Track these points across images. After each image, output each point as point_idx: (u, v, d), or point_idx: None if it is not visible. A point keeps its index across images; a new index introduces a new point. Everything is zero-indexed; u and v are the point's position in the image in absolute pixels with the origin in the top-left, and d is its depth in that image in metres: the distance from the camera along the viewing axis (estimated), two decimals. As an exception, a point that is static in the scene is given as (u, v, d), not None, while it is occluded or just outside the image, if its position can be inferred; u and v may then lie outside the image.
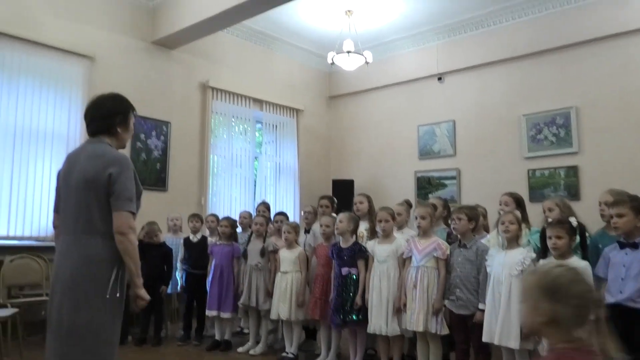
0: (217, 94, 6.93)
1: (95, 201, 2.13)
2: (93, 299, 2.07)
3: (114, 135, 2.28)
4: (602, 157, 5.88)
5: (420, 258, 3.61)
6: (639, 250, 2.83)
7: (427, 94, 7.50)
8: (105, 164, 2.14)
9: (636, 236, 2.88)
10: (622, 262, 2.86)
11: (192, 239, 5.18)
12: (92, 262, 2.10)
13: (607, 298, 2.88)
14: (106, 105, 2.30)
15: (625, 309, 2.79)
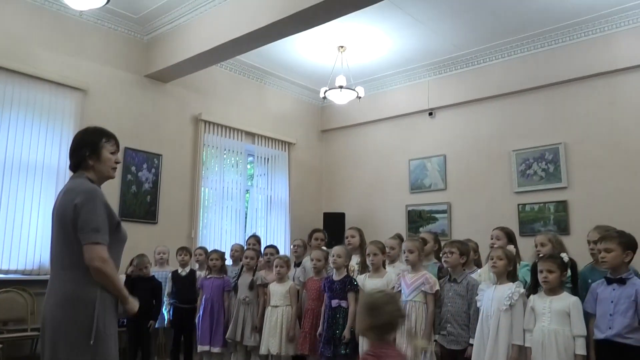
0: (209, 127, 7.01)
1: (66, 235, 2.14)
2: (72, 338, 2.04)
3: (90, 169, 2.30)
4: (590, 192, 5.98)
5: (408, 292, 3.63)
6: (626, 286, 2.87)
7: (418, 129, 7.63)
8: (72, 197, 2.15)
9: (623, 271, 2.92)
10: (609, 297, 2.90)
11: (181, 273, 5.16)
12: (69, 299, 2.07)
13: (596, 334, 2.91)
14: (75, 140, 2.36)
15: (614, 345, 2.81)
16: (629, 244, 2.98)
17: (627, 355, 2.77)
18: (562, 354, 2.92)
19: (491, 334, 3.18)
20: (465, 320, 3.45)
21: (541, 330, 3.02)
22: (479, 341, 3.25)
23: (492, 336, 3.17)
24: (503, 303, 3.19)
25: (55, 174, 5.47)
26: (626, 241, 2.99)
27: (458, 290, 3.54)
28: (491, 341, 3.16)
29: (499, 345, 3.13)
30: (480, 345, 3.23)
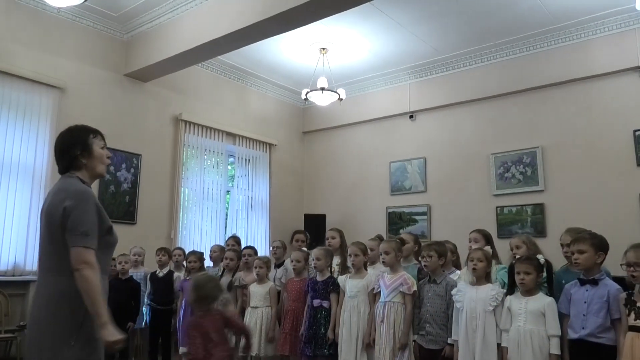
0: (190, 127, 6.99)
1: (54, 238, 2.07)
2: (55, 341, 1.98)
3: (81, 168, 2.23)
4: (566, 195, 6.13)
5: (387, 293, 3.67)
6: (598, 287, 2.95)
7: (399, 132, 7.72)
8: (62, 199, 2.08)
9: (595, 272, 3.01)
10: (583, 298, 2.98)
11: (158, 274, 5.13)
12: (52, 302, 2.02)
13: (570, 334, 2.98)
14: (62, 140, 2.27)
15: (588, 344, 2.89)
16: (600, 246, 3.06)
17: (600, 354, 2.84)
18: (537, 353, 2.99)
19: (478, 334, 3.24)
20: (444, 320, 3.51)
21: (517, 330, 3.09)
22: (464, 343, 3.30)
23: (479, 337, 3.23)
24: (489, 304, 3.26)
25: (32, 174, 5.39)
26: (598, 243, 3.07)
27: (437, 290, 3.59)
28: (479, 341, 3.22)
29: (488, 344, 3.20)
30: (466, 346, 3.28)
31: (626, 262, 2.75)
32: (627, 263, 2.75)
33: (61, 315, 2.00)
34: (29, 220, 5.29)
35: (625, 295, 2.81)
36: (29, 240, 5.27)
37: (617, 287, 2.93)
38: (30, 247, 5.28)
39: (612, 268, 3.23)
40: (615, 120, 5.96)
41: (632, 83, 5.93)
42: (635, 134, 5.80)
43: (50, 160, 5.50)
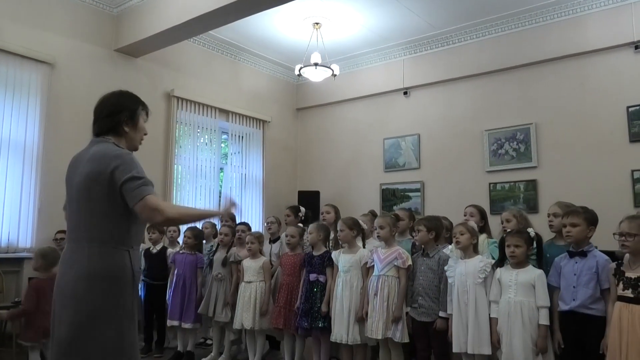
0: (182, 104, 6.95)
1: (96, 206, 1.96)
2: (97, 315, 1.90)
3: (121, 135, 2.12)
4: (559, 171, 6.17)
5: (381, 267, 3.73)
6: (587, 259, 3.01)
7: (393, 108, 7.71)
8: (106, 164, 1.96)
9: (585, 245, 3.06)
10: (572, 270, 3.04)
11: (152, 250, 5.16)
12: (96, 276, 1.92)
13: (561, 306, 3.05)
14: (111, 102, 2.16)
15: (578, 316, 2.95)
16: (592, 220, 3.12)
17: (590, 325, 2.91)
18: (527, 324, 3.05)
19: (470, 307, 3.29)
20: (436, 294, 3.56)
21: (507, 301, 3.14)
22: (457, 316, 3.35)
23: (471, 310, 3.29)
24: (478, 276, 3.31)
25: (22, 150, 5.37)
26: (590, 217, 3.13)
27: (430, 264, 3.64)
28: (471, 315, 3.28)
29: (479, 318, 3.25)
30: (459, 320, 3.34)
31: (619, 231, 2.80)
32: (619, 233, 2.80)
33: (103, 290, 1.92)
34: (21, 197, 5.29)
35: (615, 266, 2.86)
36: (21, 218, 5.28)
37: (605, 258, 2.99)
38: (23, 224, 5.29)
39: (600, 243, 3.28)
40: (609, 97, 5.98)
41: (627, 59, 5.94)
42: (628, 110, 5.83)
43: (41, 137, 5.48)
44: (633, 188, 5.69)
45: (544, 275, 3.15)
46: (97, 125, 2.14)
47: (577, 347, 2.96)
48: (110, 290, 1.93)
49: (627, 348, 2.62)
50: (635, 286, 2.69)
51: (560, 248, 3.30)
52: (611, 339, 2.72)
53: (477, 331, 3.24)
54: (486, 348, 3.21)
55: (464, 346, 3.27)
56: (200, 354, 4.83)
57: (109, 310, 1.92)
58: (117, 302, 1.94)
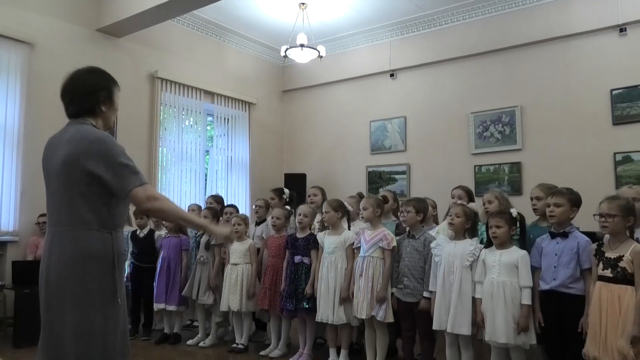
0: (167, 85, 6.86)
1: (78, 189, 1.91)
2: (82, 299, 1.87)
3: (98, 115, 2.06)
4: (543, 154, 6.24)
5: (367, 248, 3.75)
6: (568, 239, 3.05)
7: (379, 90, 7.70)
8: (86, 146, 1.91)
9: (567, 226, 3.11)
10: (554, 251, 3.08)
11: (139, 234, 5.14)
12: (80, 258, 1.89)
13: (542, 285, 3.10)
14: (87, 81, 2.08)
15: (558, 295, 3.01)
16: (575, 201, 3.16)
17: (569, 304, 2.96)
18: (509, 304, 3.10)
19: (454, 288, 3.33)
20: (421, 274, 3.60)
21: (491, 282, 3.19)
22: (440, 295, 3.39)
23: (455, 291, 3.32)
24: (466, 259, 3.34)
25: (3, 132, 5.28)
26: (574, 198, 3.17)
27: (415, 245, 3.67)
28: (455, 295, 3.32)
29: (463, 299, 3.30)
30: (442, 300, 3.37)
31: (599, 212, 2.84)
32: (599, 214, 2.84)
33: (87, 273, 1.89)
34: (2, 180, 5.22)
35: (596, 247, 2.92)
36: (3, 201, 5.21)
37: (586, 239, 3.04)
38: (5, 208, 5.23)
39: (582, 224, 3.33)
40: (594, 80, 6.02)
41: (612, 42, 5.98)
42: (612, 93, 5.89)
43: (22, 118, 5.38)
44: (615, 170, 5.77)
45: (527, 256, 3.19)
46: (73, 107, 2.06)
47: (556, 325, 3.02)
48: (92, 273, 1.91)
49: (606, 325, 2.69)
50: (614, 266, 2.74)
51: (543, 229, 3.34)
52: (591, 318, 2.78)
53: (459, 312, 3.29)
54: (465, 329, 3.25)
55: (444, 324, 3.33)
56: (187, 335, 4.86)
57: (92, 293, 1.89)
58: (99, 284, 1.91)
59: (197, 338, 4.70)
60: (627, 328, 2.60)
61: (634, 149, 5.69)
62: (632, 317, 2.60)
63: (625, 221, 2.78)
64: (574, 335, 2.89)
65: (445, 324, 3.33)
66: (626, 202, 2.85)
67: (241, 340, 4.43)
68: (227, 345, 4.57)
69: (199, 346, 4.58)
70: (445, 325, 3.33)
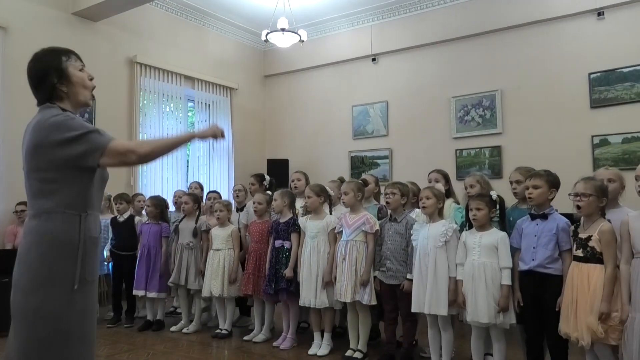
0: (146, 71, 6.75)
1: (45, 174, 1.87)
2: (44, 282, 1.83)
3: (62, 98, 1.96)
4: (523, 137, 6.30)
5: (349, 232, 3.76)
6: (548, 221, 3.09)
7: (361, 75, 7.67)
8: (46, 132, 1.85)
9: (546, 208, 3.14)
10: (533, 232, 3.12)
11: (119, 219, 5.09)
12: (44, 242, 1.85)
13: (521, 266, 3.14)
14: (33, 71, 1.98)
15: (536, 275, 3.05)
16: (554, 183, 3.19)
17: (547, 283, 3.01)
18: (490, 285, 3.14)
19: (429, 269, 3.35)
20: (403, 257, 3.61)
21: (471, 263, 3.22)
22: (418, 278, 3.42)
23: (430, 272, 3.35)
24: (438, 240, 3.37)
25: (-23, 119, 5.14)
26: (552, 180, 3.20)
27: (398, 229, 3.68)
28: (431, 277, 3.35)
29: (438, 280, 3.32)
30: (419, 282, 3.40)
31: (574, 192, 2.88)
32: (574, 193, 2.88)
33: (51, 257, 1.86)
34: (-23, 167, 5.10)
35: (573, 228, 2.96)
36: (-22, 189, 5.10)
37: (565, 220, 3.08)
38: (-19, 195, 5.12)
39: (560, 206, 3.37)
40: (572, 63, 6.08)
41: (590, 25, 6.02)
42: (590, 77, 5.95)
43: (-4, 105, 5.25)
44: (593, 153, 5.86)
45: (506, 237, 3.23)
46: (36, 97, 2.00)
47: (535, 305, 3.07)
48: (56, 257, 1.87)
49: (576, 303, 2.76)
50: (584, 246, 2.81)
51: (523, 211, 3.37)
52: (565, 295, 2.86)
53: (435, 293, 3.31)
54: (442, 309, 3.28)
55: (423, 306, 3.36)
56: (170, 322, 4.84)
57: (55, 276, 1.86)
58: (64, 268, 1.88)
59: (181, 324, 4.69)
60: (596, 304, 2.68)
61: (611, 132, 5.77)
62: (601, 294, 2.67)
63: (598, 201, 2.84)
64: (552, 314, 2.94)
65: (424, 306, 3.36)
66: (601, 183, 2.90)
67: (224, 326, 4.43)
68: (211, 331, 4.57)
69: (182, 332, 4.57)
70: (423, 307, 3.36)
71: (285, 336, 4.10)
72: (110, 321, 4.89)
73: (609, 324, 2.65)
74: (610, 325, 2.65)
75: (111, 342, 4.32)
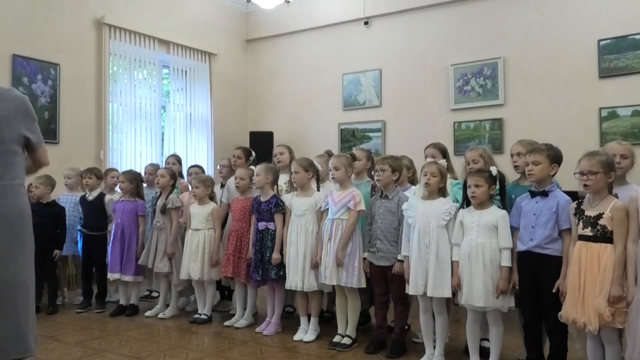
0: (115, 33, 6.66)
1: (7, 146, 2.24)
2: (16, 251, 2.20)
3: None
4: (526, 109, 6.33)
5: (335, 210, 3.77)
6: (548, 199, 3.12)
7: (352, 40, 7.62)
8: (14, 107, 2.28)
9: (547, 184, 3.17)
10: (532, 210, 3.15)
11: (88, 197, 5.06)
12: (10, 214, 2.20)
13: (519, 246, 3.17)
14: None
15: (534, 255, 3.10)
16: (555, 157, 3.21)
17: (545, 264, 3.05)
18: (488, 266, 3.17)
19: (432, 250, 3.36)
20: (394, 237, 3.63)
21: (469, 243, 3.25)
22: (417, 258, 3.41)
23: (432, 252, 3.36)
24: (442, 218, 3.38)
25: None
26: (554, 154, 3.21)
27: (388, 206, 3.69)
28: (432, 257, 3.35)
29: (441, 260, 3.34)
30: (418, 263, 3.41)
31: (579, 170, 2.90)
32: (579, 171, 2.89)
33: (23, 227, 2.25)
34: None
35: (575, 205, 2.98)
36: None
37: (566, 198, 3.10)
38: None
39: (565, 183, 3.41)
40: (580, 29, 6.08)
41: (600, -12, 6.01)
42: (599, 44, 5.96)
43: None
44: (600, 126, 5.91)
45: (507, 216, 3.25)
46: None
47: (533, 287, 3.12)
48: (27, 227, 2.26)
49: (584, 285, 2.79)
50: (594, 224, 2.83)
51: (525, 189, 3.38)
52: (571, 279, 2.87)
53: (439, 274, 3.33)
54: (447, 291, 3.32)
55: (421, 288, 3.37)
56: (145, 307, 4.87)
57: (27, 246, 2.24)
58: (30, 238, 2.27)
59: (156, 309, 4.71)
60: (605, 286, 2.71)
61: (621, 104, 5.81)
62: (610, 276, 2.70)
63: (606, 177, 2.85)
64: (550, 297, 2.99)
65: (422, 288, 3.37)
66: (606, 157, 2.90)
67: (204, 311, 4.47)
68: (189, 316, 4.61)
69: (158, 317, 4.60)
70: (422, 290, 3.37)
71: (269, 321, 4.14)
72: (80, 306, 4.91)
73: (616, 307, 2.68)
74: (617, 307, 2.68)
75: (81, 328, 4.35)
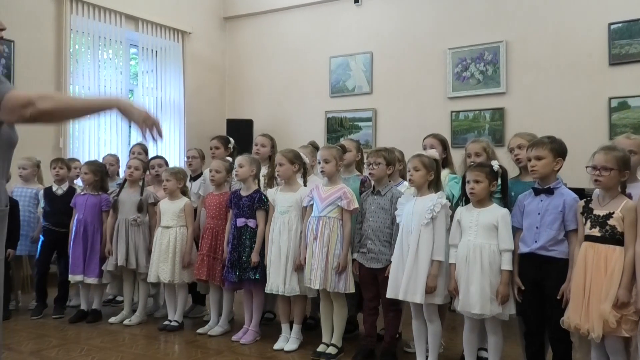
0: (77, 7, 6.60)
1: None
2: None
3: None
4: (530, 99, 6.36)
5: (322, 207, 3.75)
6: (554, 196, 3.12)
7: (341, 20, 7.61)
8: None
9: (552, 181, 3.18)
10: (537, 209, 3.15)
11: (56, 191, 4.99)
12: None
13: (522, 248, 3.18)
14: None
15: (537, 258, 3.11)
16: (560, 151, 3.20)
17: (549, 268, 3.06)
18: (486, 269, 3.17)
19: (411, 250, 3.37)
20: (387, 237, 3.63)
21: (466, 244, 3.25)
22: (398, 259, 3.43)
23: (411, 252, 3.36)
24: (424, 217, 3.37)
25: None
26: (557, 147, 3.20)
27: (381, 203, 3.68)
28: (410, 257, 3.36)
29: (419, 262, 3.34)
30: (399, 264, 3.42)
31: (592, 164, 2.90)
32: (593, 166, 2.90)
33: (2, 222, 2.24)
34: None
35: (583, 203, 3.00)
36: None
37: (573, 196, 3.11)
38: None
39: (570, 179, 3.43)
40: (589, 11, 6.12)
41: (612, -34, 6.05)
42: (610, 27, 6.00)
43: None
44: (609, 118, 5.96)
45: (508, 215, 3.25)
46: None
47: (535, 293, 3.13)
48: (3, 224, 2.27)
49: (589, 289, 2.80)
50: (603, 224, 2.84)
51: (527, 185, 3.39)
52: (575, 281, 2.89)
53: (413, 277, 3.32)
54: (419, 296, 3.30)
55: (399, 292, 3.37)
56: (109, 312, 4.84)
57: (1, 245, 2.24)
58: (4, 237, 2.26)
59: (122, 315, 4.68)
60: (612, 291, 2.72)
61: (632, 94, 5.87)
62: (618, 280, 2.72)
63: (620, 175, 2.86)
64: (555, 303, 3.01)
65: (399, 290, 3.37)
66: (623, 154, 2.91)
67: (174, 317, 4.44)
68: (158, 322, 4.58)
69: (123, 324, 4.57)
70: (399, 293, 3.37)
71: (247, 329, 4.13)
72: (34, 312, 4.84)
73: (622, 313, 2.70)
74: (624, 314, 2.70)
75: (36, 335, 4.30)
